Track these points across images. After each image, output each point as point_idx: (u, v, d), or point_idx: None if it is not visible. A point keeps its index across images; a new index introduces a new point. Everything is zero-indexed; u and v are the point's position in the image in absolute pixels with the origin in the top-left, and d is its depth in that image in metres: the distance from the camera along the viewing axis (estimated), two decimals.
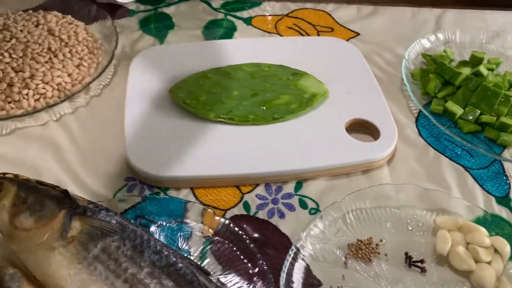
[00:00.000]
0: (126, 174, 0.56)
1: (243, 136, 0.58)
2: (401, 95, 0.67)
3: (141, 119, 0.59)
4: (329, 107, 0.62)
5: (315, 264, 0.48)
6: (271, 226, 0.52)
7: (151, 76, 0.65)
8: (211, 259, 0.48)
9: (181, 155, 0.55)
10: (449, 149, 0.60)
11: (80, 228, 0.42)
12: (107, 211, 0.44)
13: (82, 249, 0.41)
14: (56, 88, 0.62)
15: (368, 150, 0.57)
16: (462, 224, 0.50)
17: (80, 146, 0.58)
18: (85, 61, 0.66)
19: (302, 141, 0.58)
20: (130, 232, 0.43)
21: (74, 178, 0.55)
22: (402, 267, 0.48)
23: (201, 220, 0.50)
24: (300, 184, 0.56)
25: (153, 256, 0.42)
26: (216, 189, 0.55)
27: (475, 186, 0.56)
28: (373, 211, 0.52)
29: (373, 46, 0.74)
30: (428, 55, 0.71)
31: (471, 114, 0.61)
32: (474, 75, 0.65)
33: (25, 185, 0.43)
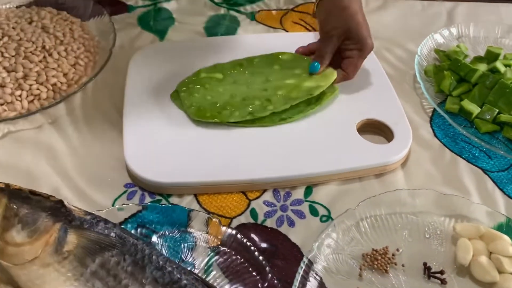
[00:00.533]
0: (126, 180, 0.53)
1: (249, 139, 0.55)
2: (413, 93, 0.64)
3: (141, 121, 0.56)
4: (339, 106, 0.59)
5: (328, 277, 0.45)
6: (281, 236, 0.49)
7: (151, 75, 0.61)
8: (217, 272, 0.45)
9: (183, 159, 0.52)
10: (466, 150, 0.57)
11: (76, 242, 0.39)
12: (106, 222, 0.41)
13: (79, 265, 0.39)
14: (51, 89, 0.59)
15: (381, 153, 0.54)
16: (484, 232, 0.47)
17: (77, 151, 0.56)
18: (82, 59, 0.63)
19: (311, 143, 0.55)
20: (130, 246, 0.40)
21: (71, 185, 0.52)
22: (420, 279, 0.46)
23: (206, 230, 0.47)
24: (310, 190, 0.53)
25: (155, 273, 0.39)
26: (222, 195, 0.52)
27: (495, 190, 0.53)
28: (388, 218, 0.49)
29: (383, 41, 0.71)
30: (441, 51, 0.68)
31: (489, 113, 0.58)
32: (491, 72, 0.62)
33: (16, 195, 0.40)
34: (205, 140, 0.55)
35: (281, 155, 0.54)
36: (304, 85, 0.59)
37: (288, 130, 0.56)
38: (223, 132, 0.56)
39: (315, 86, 0.58)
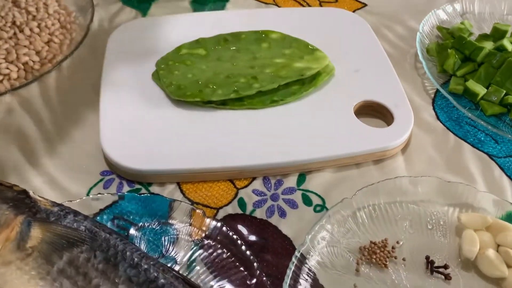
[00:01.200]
0: (102, 167, 0.49)
1: (237, 122, 0.51)
2: (415, 73, 0.60)
3: (120, 104, 0.52)
4: (335, 87, 0.55)
5: (323, 272, 0.41)
6: (271, 227, 0.45)
7: (132, 54, 0.57)
8: (201, 267, 0.41)
9: (166, 145, 0.48)
10: (471, 134, 0.54)
11: (41, 237, 0.35)
12: (75, 215, 0.37)
13: (44, 262, 0.35)
14: (22, 68, 0.54)
15: (380, 137, 0.50)
16: (491, 222, 0.44)
17: (50, 135, 0.51)
18: (56, 36, 0.58)
19: (305, 127, 0.51)
20: (102, 241, 0.36)
21: (42, 173, 0.48)
22: (422, 274, 0.42)
23: (189, 222, 0.43)
24: (303, 177, 0.49)
25: (129, 271, 0.35)
26: (207, 184, 0.48)
27: (503, 177, 0.50)
28: (387, 208, 0.46)
29: (382, 18, 0.67)
30: (444, 28, 0.63)
31: (495, 95, 0.55)
32: (497, 50, 0.58)
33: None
34: (189, 124, 0.50)
35: (272, 140, 0.49)
36: (294, 65, 0.54)
37: (280, 113, 0.52)
38: (209, 115, 0.51)
39: (306, 67, 0.54)
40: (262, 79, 0.52)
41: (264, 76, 0.53)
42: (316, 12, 0.66)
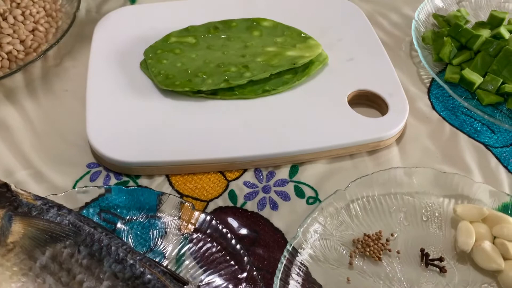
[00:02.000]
0: (89, 159, 0.47)
1: (228, 112, 0.49)
2: (410, 62, 0.58)
3: (107, 94, 0.50)
4: (328, 76, 0.54)
5: (315, 265, 0.40)
6: (262, 220, 0.44)
7: (120, 43, 0.55)
8: (190, 262, 0.40)
9: (154, 136, 0.47)
10: (467, 124, 0.52)
11: (22, 232, 0.34)
12: (59, 208, 0.36)
13: (27, 258, 0.34)
14: (5, 57, 0.53)
15: (375, 127, 0.49)
16: (487, 214, 0.43)
17: (35, 127, 0.50)
18: (42, 25, 0.56)
19: (298, 117, 0.49)
20: (86, 235, 0.35)
21: (27, 166, 0.47)
22: (417, 267, 0.41)
23: (178, 215, 0.42)
24: (296, 169, 0.48)
25: (114, 266, 0.34)
26: (197, 176, 0.47)
27: (499, 168, 0.49)
28: (382, 199, 0.45)
29: (377, 5, 0.65)
30: (440, 16, 0.62)
31: (492, 84, 0.53)
32: (494, 38, 0.56)
33: None
34: (179, 115, 0.49)
35: (264, 130, 0.48)
36: (286, 54, 0.53)
37: (272, 103, 0.51)
38: (199, 105, 0.50)
39: (298, 55, 0.53)
40: (254, 68, 0.51)
41: (255, 65, 0.51)
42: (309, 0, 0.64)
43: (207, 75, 0.50)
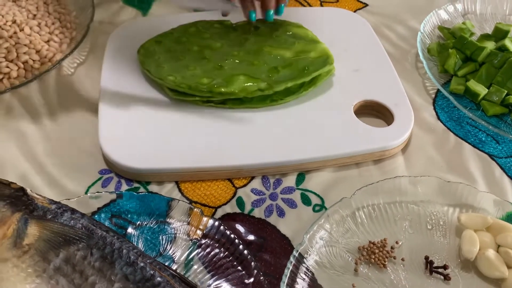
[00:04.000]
0: (101, 166, 0.49)
1: (236, 121, 0.51)
2: (416, 73, 0.59)
3: (119, 103, 0.51)
4: (335, 87, 0.55)
5: (321, 272, 0.41)
6: (269, 227, 0.45)
7: (131, 53, 0.57)
8: (198, 266, 0.41)
9: (164, 144, 0.48)
10: (472, 134, 0.53)
11: (37, 235, 0.35)
12: (73, 212, 0.37)
13: (41, 260, 0.35)
14: (22, 67, 0.54)
15: (380, 137, 0.50)
16: (491, 222, 0.43)
17: (49, 134, 0.51)
18: (56, 35, 0.58)
19: (304, 127, 0.50)
20: (98, 238, 0.36)
21: (41, 171, 0.48)
22: (422, 274, 0.42)
23: (187, 220, 0.43)
24: (303, 177, 0.49)
25: (125, 269, 0.35)
26: (205, 183, 0.48)
27: (503, 177, 0.49)
28: (387, 207, 0.45)
29: (383, 18, 0.66)
30: (445, 28, 0.63)
31: (497, 95, 0.54)
32: (499, 50, 0.57)
33: None
34: (188, 123, 0.50)
35: (271, 139, 0.49)
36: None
37: (279, 112, 0.52)
38: (208, 114, 0.51)
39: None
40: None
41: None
42: (317, 12, 0.65)
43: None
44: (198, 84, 0.50)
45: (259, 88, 0.51)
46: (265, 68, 0.52)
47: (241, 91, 0.50)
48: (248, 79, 0.51)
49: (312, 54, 0.54)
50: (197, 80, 0.50)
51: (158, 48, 0.54)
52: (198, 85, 0.50)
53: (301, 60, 0.53)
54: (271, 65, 0.53)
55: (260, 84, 0.51)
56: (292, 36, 0.56)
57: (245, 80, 0.51)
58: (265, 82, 0.51)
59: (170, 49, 0.54)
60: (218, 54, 0.53)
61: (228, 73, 0.51)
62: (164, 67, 0.52)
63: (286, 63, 0.53)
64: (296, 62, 0.53)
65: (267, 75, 0.52)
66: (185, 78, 0.51)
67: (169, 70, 0.51)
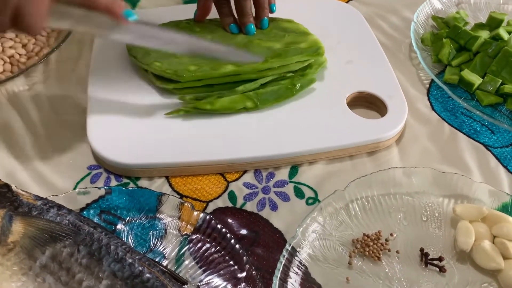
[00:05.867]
0: (89, 162, 0.48)
1: (227, 115, 0.50)
2: (409, 64, 0.59)
3: (107, 97, 0.51)
4: (327, 79, 0.54)
5: (314, 265, 0.40)
6: (262, 221, 0.44)
7: (120, 47, 0.56)
8: (190, 262, 0.40)
9: (154, 139, 0.47)
10: (467, 124, 0.53)
11: (23, 232, 0.35)
12: (59, 209, 0.37)
13: (27, 257, 0.34)
14: (8, 61, 0.54)
15: (374, 128, 0.49)
16: (486, 213, 0.43)
17: (36, 129, 0.50)
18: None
19: (297, 119, 0.50)
20: (85, 235, 0.35)
21: (28, 167, 0.47)
22: (417, 266, 0.41)
23: (177, 215, 0.42)
24: (296, 170, 0.48)
25: (113, 265, 0.34)
26: (196, 177, 0.47)
27: (499, 167, 0.49)
28: (381, 199, 0.45)
29: (376, 8, 0.65)
30: (439, 18, 0.62)
31: (491, 84, 0.54)
32: (493, 39, 0.56)
33: None
34: (178, 117, 0.49)
35: (264, 132, 0.49)
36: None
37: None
38: None
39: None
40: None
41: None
42: (309, 3, 0.64)
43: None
44: (184, 70, 0.49)
45: (246, 104, 0.50)
46: None
47: (228, 104, 0.49)
48: (235, 68, 0.50)
49: (302, 45, 0.53)
50: (184, 67, 0.49)
51: None
52: (184, 71, 0.49)
53: (291, 51, 0.52)
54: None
55: (246, 103, 0.50)
56: (283, 29, 0.55)
57: (232, 69, 0.50)
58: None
59: None
60: None
61: (215, 61, 0.50)
62: (151, 54, 0.51)
63: (275, 53, 0.51)
64: (285, 52, 0.51)
65: (254, 65, 0.50)
66: (172, 64, 0.50)
67: (156, 57, 0.50)
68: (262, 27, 0.54)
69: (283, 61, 0.51)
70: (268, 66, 0.50)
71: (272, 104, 0.50)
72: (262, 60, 0.50)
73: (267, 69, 0.51)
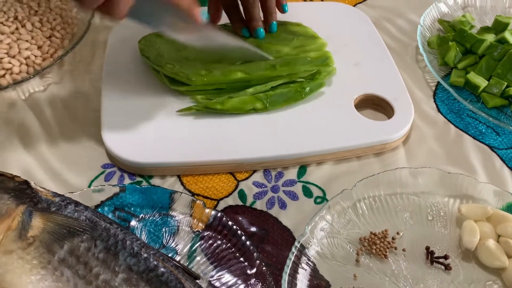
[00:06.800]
0: (104, 160, 0.49)
1: (238, 116, 0.51)
2: (416, 66, 0.60)
3: (121, 98, 0.52)
4: (335, 81, 0.55)
5: (322, 262, 0.41)
6: (271, 219, 0.45)
7: (132, 49, 0.57)
8: (201, 258, 0.41)
9: (166, 138, 0.48)
10: (472, 126, 0.53)
11: (42, 227, 0.36)
12: (76, 205, 0.38)
13: (46, 252, 0.35)
14: (24, 63, 0.55)
15: (381, 130, 0.50)
16: (491, 213, 0.44)
17: (52, 129, 0.52)
18: (58, 31, 0.58)
19: (305, 120, 0.51)
20: (102, 230, 0.36)
21: (44, 166, 0.48)
22: (422, 264, 0.42)
23: (189, 213, 0.43)
24: (304, 169, 0.49)
25: (129, 260, 0.35)
26: (207, 176, 0.48)
27: (504, 168, 0.50)
28: (388, 199, 0.46)
29: (383, 11, 0.66)
30: (445, 21, 0.63)
31: (497, 87, 0.54)
32: (499, 43, 0.57)
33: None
34: (190, 118, 0.50)
35: (273, 133, 0.50)
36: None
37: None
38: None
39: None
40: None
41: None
42: (317, 7, 0.66)
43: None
44: (196, 74, 0.50)
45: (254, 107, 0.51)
46: (263, 65, 0.52)
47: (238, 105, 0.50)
48: (245, 75, 0.51)
49: (311, 54, 0.53)
50: (196, 71, 0.51)
51: (159, 39, 0.55)
52: (195, 75, 0.50)
53: (300, 60, 0.52)
54: (269, 63, 0.53)
55: (256, 104, 0.51)
56: (291, 33, 0.57)
57: (242, 76, 0.51)
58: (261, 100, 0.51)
59: (171, 41, 0.54)
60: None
61: (226, 68, 0.51)
62: (164, 56, 0.52)
63: (284, 61, 0.52)
64: (294, 61, 0.52)
65: (263, 72, 0.52)
66: (184, 67, 0.51)
67: (168, 59, 0.52)
68: (271, 31, 0.56)
69: (292, 70, 0.52)
70: (277, 74, 0.52)
71: (281, 106, 0.51)
72: (271, 58, 0.52)
73: (276, 76, 0.52)
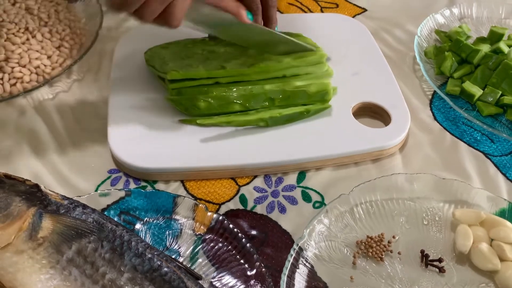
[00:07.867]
0: (110, 166, 0.51)
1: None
2: (413, 76, 0.61)
3: (127, 106, 0.54)
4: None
5: (320, 265, 0.43)
6: (271, 222, 0.47)
7: (138, 59, 0.59)
8: (203, 260, 0.43)
9: (170, 145, 0.50)
10: (468, 134, 0.55)
11: (51, 228, 0.37)
12: (84, 208, 0.39)
13: (55, 252, 0.37)
14: (34, 72, 0.57)
15: (378, 137, 0.52)
16: (484, 217, 0.45)
17: (60, 135, 0.53)
18: (67, 42, 0.60)
19: (305, 127, 0.52)
20: (108, 232, 0.38)
21: (53, 171, 0.50)
22: (417, 267, 0.43)
23: (192, 216, 0.45)
24: (303, 175, 0.50)
25: (134, 260, 0.37)
26: (210, 181, 0.50)
27: (498, 175, 0.51)
28: (384, 204, 0.47)
29: (381, 22, 0.68)
30: (442, 32, 0.65)
31: (491, 95, 0.56)
32: (494, 53, 0.59)
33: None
34: (193, 125, 0.52)
35: (273, 139, 0.51)
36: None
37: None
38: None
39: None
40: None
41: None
42: (317, 18, 0.67)
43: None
44: (194, 106, 0.52)
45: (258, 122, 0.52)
46: (262, 98, 0.53)
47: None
48: (242, 108, 0.53)
49: (311, 88, 0.53)
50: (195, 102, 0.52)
51: (164, 51, 0.57)
52: (195, 108, 0.52)
53: (300, 94, 0.53)
54: (268, 95, 0.53)
55: (259, 123, 0.52)
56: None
57: (239, 108, 0.53)
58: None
59: (176, 51, 0.56)
60: (221, 56, 0.55)
61: (225, 96, 0.52)
62: (168, 64, 0.54)
63: (285, 95, 0.53)
64: (294, 95, 0.53)
65: (262, 103, 0.53)
66: (188, 74, 0.53)
67: (173, 67, 0.53)
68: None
69: (291, 104, 0.53)
70: (276, 105, 0.53)
71: (284, 124, 0.53)
72: (314, 49, 0.55)
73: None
